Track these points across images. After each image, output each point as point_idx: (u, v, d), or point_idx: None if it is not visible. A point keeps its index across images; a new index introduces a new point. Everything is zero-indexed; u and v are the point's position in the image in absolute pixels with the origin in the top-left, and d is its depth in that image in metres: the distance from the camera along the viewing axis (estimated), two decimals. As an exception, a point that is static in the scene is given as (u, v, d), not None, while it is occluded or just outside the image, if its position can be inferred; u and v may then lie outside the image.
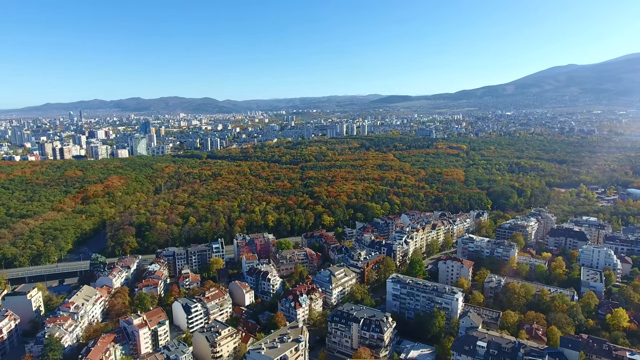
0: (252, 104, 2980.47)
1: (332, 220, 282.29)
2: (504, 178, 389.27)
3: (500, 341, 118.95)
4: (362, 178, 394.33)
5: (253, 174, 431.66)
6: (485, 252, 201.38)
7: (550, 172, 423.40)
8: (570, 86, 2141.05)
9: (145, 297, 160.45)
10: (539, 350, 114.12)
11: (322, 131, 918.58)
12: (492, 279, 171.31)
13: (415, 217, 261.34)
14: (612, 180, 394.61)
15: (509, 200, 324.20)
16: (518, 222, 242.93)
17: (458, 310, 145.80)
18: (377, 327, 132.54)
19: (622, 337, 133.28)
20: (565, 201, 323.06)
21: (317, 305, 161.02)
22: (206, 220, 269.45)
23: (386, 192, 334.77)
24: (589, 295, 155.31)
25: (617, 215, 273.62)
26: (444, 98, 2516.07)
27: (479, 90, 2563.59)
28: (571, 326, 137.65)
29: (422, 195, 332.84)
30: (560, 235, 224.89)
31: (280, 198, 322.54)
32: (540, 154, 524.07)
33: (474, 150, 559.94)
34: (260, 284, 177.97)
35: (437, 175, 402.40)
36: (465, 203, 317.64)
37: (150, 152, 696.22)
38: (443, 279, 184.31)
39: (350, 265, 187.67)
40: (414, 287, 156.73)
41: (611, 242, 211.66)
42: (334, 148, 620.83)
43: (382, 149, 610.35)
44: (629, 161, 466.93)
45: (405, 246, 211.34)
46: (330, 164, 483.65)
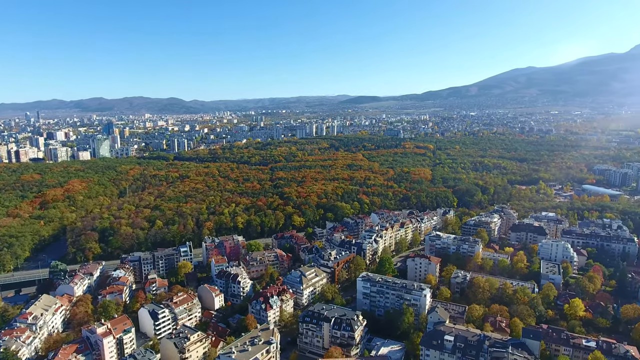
0: (220, 105, 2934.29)
1: (303, 221, 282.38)
2: (468, 176, 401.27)
3: (466, 334, 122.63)
4: (332, 178, 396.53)
5: (222, 176, 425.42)
6: (451, 248, 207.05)
7: (511, 170, 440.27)
8: (529, 87, 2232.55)
9: (110, 304, 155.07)
10: (502, 341, 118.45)
11: (292, 132, 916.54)
12: (459, 274, 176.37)
13: (385, 216, 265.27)
14: (568, 177, 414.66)
15: (474, 198, 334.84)
16: (482, 218, 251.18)
17: (426, 306, 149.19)
18: (348, 326, 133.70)
19: (578, 326, 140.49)
20: (525, 198, 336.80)
21: (288, 306, 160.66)
22: (173, 223, 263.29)
23: (356, 192, 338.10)
24: (548, 287, 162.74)
25: (574, 210, 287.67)
26: (411, 99, 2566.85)
27: (445, 91, 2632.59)
28: (532, 317, 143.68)
29: (390, 194, 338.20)
30: (522, 231, 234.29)
31: (249, 199, 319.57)
32: (503, 153, 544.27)
33: (440, 150, 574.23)
34: (230, 287, 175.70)
35: (405, 174, 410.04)
36: (432, 201, 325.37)
37: (114, 154, 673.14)
38: (412, 276, 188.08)
39: (321, 265, 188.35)
40: (383, 285, 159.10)
41: (568, 236, 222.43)
42: (303, 148, 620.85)
43: (351, 149, 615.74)
44: (583, 159, 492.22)
45: (374, 245, 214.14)
46: (300, 164, 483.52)
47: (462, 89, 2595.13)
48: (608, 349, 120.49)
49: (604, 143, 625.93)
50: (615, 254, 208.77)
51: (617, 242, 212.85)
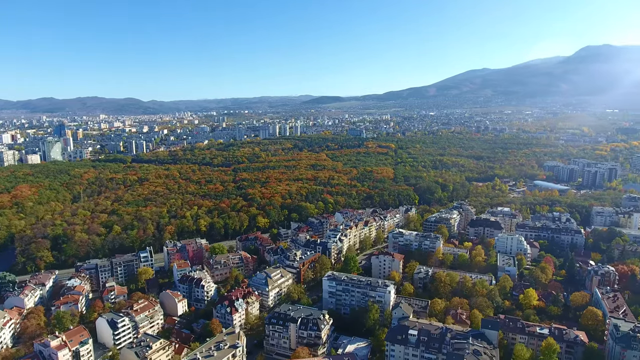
0: (181, 105, 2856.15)
1: (267, 222, 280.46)
2: (429, 174, 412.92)
3: (429, 328, 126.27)
4: (296, 178, 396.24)
5: (183, 178, 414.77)
6: (414, 245, 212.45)
7: (469, 167, 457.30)
8: (484, 88, 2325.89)
9: (64, 315, 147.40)
10: (463, 333, 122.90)
11: (255, 132, 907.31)
12: (421, 270, 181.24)
13: (349, 215, 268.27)
14: (521, 173, 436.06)
15: (434, 195, 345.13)
16: (442, 215, 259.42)
17: (391, 302, 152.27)
18: (315, 326, 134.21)
19: (533, 315, 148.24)
20: (482, 194, 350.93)
21: (254, 308, 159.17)
22: (132, 228, 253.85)
23: (320, 192, 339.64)
24: (504, 279, 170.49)
25: (526, 205, 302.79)
26: (372, 99, 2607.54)
27: (405, 91, 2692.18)
28: (490, 308, 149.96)
29: (354, 193, 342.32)
30: (479, 226, 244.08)
31: (212, 201, 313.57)
32: (461, 151, 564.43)
33: (402, 149, 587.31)
34: (194, 292, 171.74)
35: (368, 173, 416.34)
36: (395, 199, 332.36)
37: (67, 157, 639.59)
38: (376, 273, 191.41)
39: (287, 265, 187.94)
40: (349, 284, 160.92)
41: (522, 229, 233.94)
42: (267, 149, 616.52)
43: (315, 149, 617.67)
44: (534, 156, 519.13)
45: (339, 244, 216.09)
46: (264, 165, 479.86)
47: (421, 89, 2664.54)
48: (559, 335, 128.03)
49: (553, 141, 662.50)
50: (565, 245, 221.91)
51: (565, 234, 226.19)
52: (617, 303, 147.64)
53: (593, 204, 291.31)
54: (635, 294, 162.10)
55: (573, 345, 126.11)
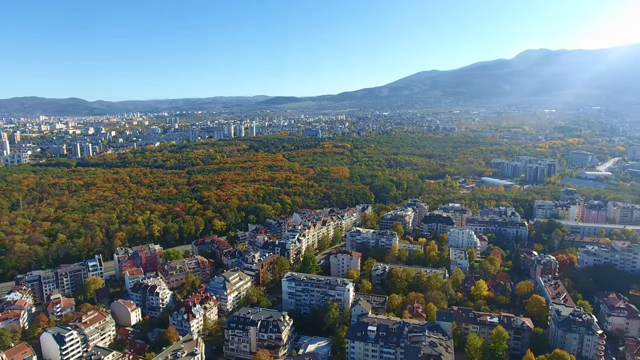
0: (129, 105, 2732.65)
1: (224, 225, 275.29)
2: (384, 173, 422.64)
3: (387, 323, 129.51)
4: (253, 180, 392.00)
5: (134, 181, 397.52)
6: (371, 242, 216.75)
7: (422, 166, 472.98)
8: (434, 89, 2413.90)
9: (4, 332, 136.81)
10: (420, 326, 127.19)
11: (209, 133, 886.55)
12: (378, 266, 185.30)
13: (307, 215, 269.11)
14: (470, 170, 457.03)
15: (389, 193, 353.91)
16: (397, 212, 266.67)
17: (350, 299, 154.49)
18: (275, 328, 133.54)
19: (483, 305, 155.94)
20: (435, 191, 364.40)
21: (212, 313, 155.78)
22: (79, 236, 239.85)
23: (277, 193, 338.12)
24: (457, 272, 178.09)
25: (475, 200, 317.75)
26: (327, 99, 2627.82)
27: (359, 92, 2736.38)
28: (445, 301, 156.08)
29: (311, 193, 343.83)
30: (432, 222, 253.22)
31: (166, 205, 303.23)
32: (413, 150, 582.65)
33: (357, 149, 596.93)
34: (148, 300, 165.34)
35: (324, 173, 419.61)
36: (352, 198, 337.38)
37: (3, 161, 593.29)
38: (335, 272, 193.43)
39: (245, 268, 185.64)
40: (308, 283, 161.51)
41: (472, 224, 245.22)
42: (222, 150, 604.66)
43: (271, 149, 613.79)
44: (481, 154, 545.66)
45: (298, 244, 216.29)
46: (219, 166, 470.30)
47: (375, 90, 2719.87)
48: (508, 322, 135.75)
49: (498, 139, 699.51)
50: (510, 237, 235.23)
51: (511, 226, 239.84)
52: (558, 290, 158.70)
53: (535, 198, 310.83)
54: (573, 281, 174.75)
55: (520, 331, 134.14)
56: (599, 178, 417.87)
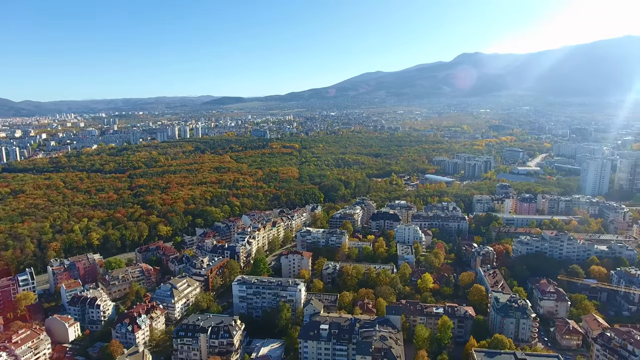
0: (62, 106, 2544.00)
1: (170, 230, 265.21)
2: (332, 173, 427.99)
3: (339, 320, 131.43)
4: (199, 182, 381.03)
5: (69, 187, 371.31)
6: (321, 242, 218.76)
7: (369, 165, 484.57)
8: (379, 90, 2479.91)
9: None
10: (370, 321, 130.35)
11: (152, 135, 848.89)
12: (329, 265, 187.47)
13: (256, 217, 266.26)
14: (414, 168, 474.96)
15: (338, 193, 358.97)
16: (346, 211, 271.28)
17: (302, 300, 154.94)
18: (226, 333, 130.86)
19: (429, 297, 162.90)
20: (381, 189, 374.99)
21: (159, 323, 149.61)
22: (7, 248, 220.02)
23: (225, 195, 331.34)
24: (404, 266, 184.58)
25: (420, 197, 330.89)
26: (275, 99, 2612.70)
27: (306, 92, 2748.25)
28: (393, 295, 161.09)
29: (261, 194, 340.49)
30: (380, 219, 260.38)
31: (105, 212, 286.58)
32: (361, 149, 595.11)
33: (306, 149, 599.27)
34: (88, 313, 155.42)
35: (273, 174, 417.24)
36: (301, 198, 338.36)
37: None
38: (286, 273, 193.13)
39: (193, 274, 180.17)
40: (259, 286, 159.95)
41: (417, 219, 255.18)
42: (166, 152, 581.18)
43: (218, 151, 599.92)
44: (424, 152, 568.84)
45: (248, 247, 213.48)
46: (163, 169, 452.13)
47: (322, 90, 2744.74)
48: (452, 312, 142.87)
49: (439, 138, 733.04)
50: (453, 231, 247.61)
51: (453, 221, 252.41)
52: (496, 278, 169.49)
53: (474, 193, 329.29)
54: (509, 269, 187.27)
55: (463, 319, 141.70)
56: (529, 173, 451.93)
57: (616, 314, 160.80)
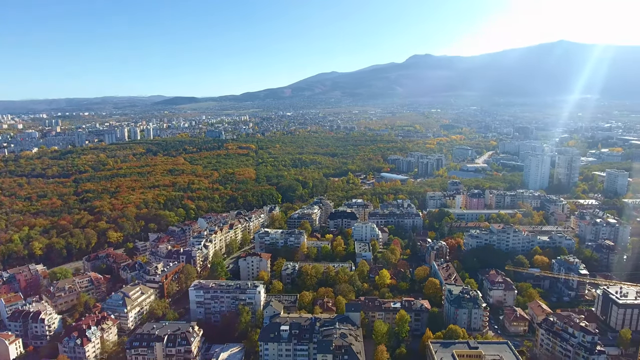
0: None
1: (121, 236, 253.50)
2: (289, 173, 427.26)
3: (299, 321, 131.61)
4: (152, 185, 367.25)
5: (6, 194, 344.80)
6: (280, 242, 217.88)
7: (326, 164, 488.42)
8: (334, 90, 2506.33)
9: None
10: (330, 319, 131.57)
11: (99, 137, 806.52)
12: (288, 266, 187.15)
13: (212, 220, 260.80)
14: (370, 167, 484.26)
15: (296, 193, 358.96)
16: (305, 211, 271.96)
17: (261, 302, 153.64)
18: (184, 340, 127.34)
19: (387, 292, 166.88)
20: (339, 188, 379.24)
21: (111, 334, 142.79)
22: None
23: (180, 198, 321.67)
24: (362, 264, 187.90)
25: (376, 195, 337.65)
26: (230, 100, 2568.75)
27: (262, 92, 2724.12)
28: (352, 292, 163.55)
29: (217, 196, 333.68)
30: (338, 218, 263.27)
31: (49, 219, 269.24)
32: (317, 149, 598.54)
33: (262, 149, 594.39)
34: (31, 328, 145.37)
35: (230, 175, 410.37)
36: (259, 199, 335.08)
37: None
38: (245, 276, 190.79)
39: (147, 281, 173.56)
40: (217, 290, 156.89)
41: (373, 217, 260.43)
42: (115, 155, 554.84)
43: (171, 152, 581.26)
44: (380, 151, 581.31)
45: (205, 250, 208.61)
46: (112, 173, 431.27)
47: (277, 90, 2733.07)
48: (409, 306, 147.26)
49: (393, 137, 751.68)
50: (408, 227, 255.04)
51: (408, 217, 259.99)
52: (449, 271, 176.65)
53: (427, 190, 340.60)
54: (461, 262, 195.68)
55: (420, 312, 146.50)
56: (478, 170, 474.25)
57: (558, 300, 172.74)
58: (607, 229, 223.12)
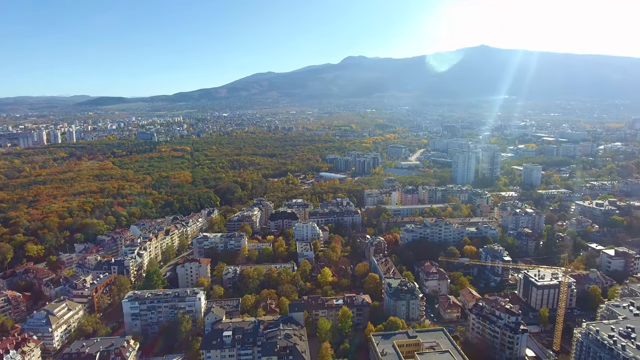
0: None
1: (42, 249, 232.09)
2: (227, 175, 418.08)
3: (243, 325, 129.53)
4: (77, 192, 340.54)
5: None
6: (219, 246, 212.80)
7: (265, 165, 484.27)
8: (271, 90, 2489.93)
9: None
10: (274, 321, 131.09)
11: (13, 141, 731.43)
12: (229, 270, 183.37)
13: (147, 226, 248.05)
14: (309, 167, 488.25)
15: (235, 195, 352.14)
16: (244, 213, 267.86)
17: (202, 308, 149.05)
18: (118, 356, 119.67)
19: (330, 290, 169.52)
20: (278, 189, 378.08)
21: (34, 357, 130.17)
22: None
23: (109, 205, 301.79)
24: (304, 263, 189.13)
25: (315, 194, 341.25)
26: (162, 100, 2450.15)
27: (196, 92, 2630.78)
28: (295, 292, 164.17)
29: (150, 202, 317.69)
30: (278, 219, 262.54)
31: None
32: (256, 150, 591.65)
33: (198, 151, 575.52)
34: None
35: (164, 179, 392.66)
36: (196, 203, 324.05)
37: None
38: (184, 283, 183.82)
39: (74, 296, 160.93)
40: (154, 300, 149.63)
41: (314, 216, 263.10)
42: (32, 161, 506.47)
43: (97, 156, 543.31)
44: (318, 151, 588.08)
45: (139, 259, 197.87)
46: (30, 180, 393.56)
47: (212, 90, 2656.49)
48: (351, 302, 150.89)
49: (331, 137, 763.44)
50: (347, 225, 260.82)
51: (347, 215, 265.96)
52: (388, 266, 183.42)
53: (364, 188, 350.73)
54: (398, 256, 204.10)
55: (361, 307, 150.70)
56: (411, 167, 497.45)
57: (485, 286, 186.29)
58: (526, 218, 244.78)
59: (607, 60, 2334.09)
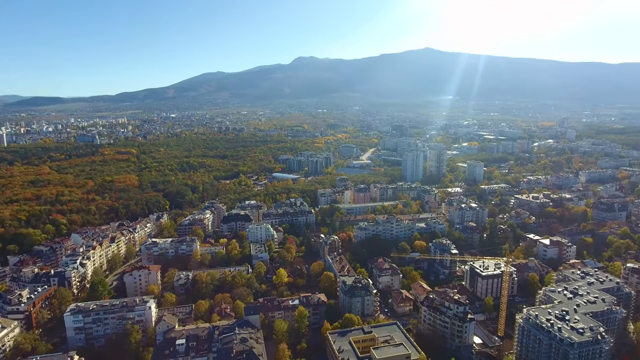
0: None
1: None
2: (177, 178, 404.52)
3: (197, 332, 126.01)
4: (9, 200, 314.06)
5: None
6: (170, 252, 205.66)
7: (216, 167, 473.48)
8: (221, 90, 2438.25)
9: None
10: (229, 326, 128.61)
11: None
12: (181, 276, 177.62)
13: (90, 234, 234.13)
14: (261, 168, 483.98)
15: (185, 198, 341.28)
16: (196, 217, 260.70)
17: (153, 317, 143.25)
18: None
19: (285, 291, 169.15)
20: (231, 191, 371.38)
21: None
22: None
23: (47, 212, 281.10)
24: (259, 265, 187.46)
25: (269, 195, 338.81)
26: (104, 100, 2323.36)
27: (142, 92, 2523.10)
28: (250, 295, 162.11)
29: (93, 208, 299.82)
30: (231, 221, 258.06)
31: None
32: (206, 152, 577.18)
33: (145, 154, 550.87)
34: None
35: (108, 184, 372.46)
36: (144, 208, 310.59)
37: None
38: (132, 292, 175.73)
39: (9, 312, 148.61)
40: (99, 312, 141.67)
41: (267, 218, 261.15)
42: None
43: (32, 161, 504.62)
44: (270, 151, 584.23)
45: (81, 269, 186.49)
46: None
47: (159, 90, 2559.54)
48: (306, 301, 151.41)
49: (283, 137, 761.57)
50: (301, 225, 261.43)
51: (301, 215, 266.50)
52: (342, 264, 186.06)
53: (317, 187, 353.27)
54: (352, 253, 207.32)
55: (317, 306, 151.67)
56: (363, 166, 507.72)
57: (435, 278, 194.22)
58: (470, 212, 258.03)
59: (539, 65, 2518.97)
